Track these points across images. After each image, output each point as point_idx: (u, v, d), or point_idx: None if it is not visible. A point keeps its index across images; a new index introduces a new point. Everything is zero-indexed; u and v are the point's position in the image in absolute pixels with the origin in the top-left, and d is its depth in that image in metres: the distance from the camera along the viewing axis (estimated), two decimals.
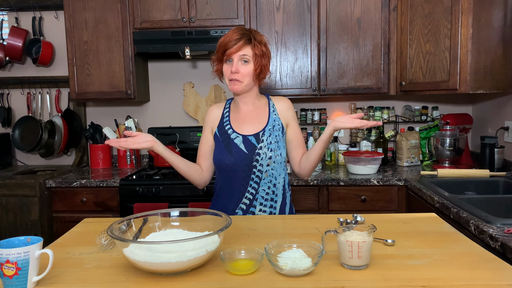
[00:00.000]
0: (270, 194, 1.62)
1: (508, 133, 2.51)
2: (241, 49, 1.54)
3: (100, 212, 2.61)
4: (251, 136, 1.61)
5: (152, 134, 3.07)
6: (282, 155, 1.61)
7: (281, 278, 1.03)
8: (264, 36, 1.61)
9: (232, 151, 1.60)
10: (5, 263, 0.96)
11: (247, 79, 1.57)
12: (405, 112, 3.08)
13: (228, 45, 1.53)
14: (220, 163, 1.62)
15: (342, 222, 1.45)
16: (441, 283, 0.98)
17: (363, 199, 2.49)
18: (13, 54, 3.07)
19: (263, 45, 1.57)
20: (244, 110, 1.67)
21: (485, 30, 2.28)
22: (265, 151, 1.58)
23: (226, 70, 1.58)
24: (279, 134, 1.63)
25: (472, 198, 1.93)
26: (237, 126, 1.64)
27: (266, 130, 1.62)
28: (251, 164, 1.58)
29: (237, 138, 1.61)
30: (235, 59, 1.55)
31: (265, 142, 1.59)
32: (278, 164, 1.61)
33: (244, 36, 1.54)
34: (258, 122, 1.64)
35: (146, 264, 1.02)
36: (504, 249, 1.33)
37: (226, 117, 1.68)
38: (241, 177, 1.60)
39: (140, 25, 2.76)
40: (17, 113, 3.25)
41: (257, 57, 1.55)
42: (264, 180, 1.60)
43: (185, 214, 1.30)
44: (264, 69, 1.59)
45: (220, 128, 1.66)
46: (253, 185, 1.60)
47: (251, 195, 1.61)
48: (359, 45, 2.72)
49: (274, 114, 1.66)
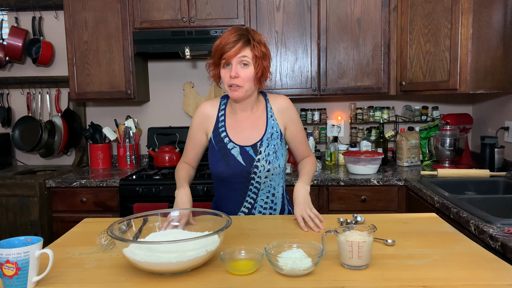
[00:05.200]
0: (269, 203, 1.60)
1: (508, 133, 2.51)
2: (240, 52, 1.42)
3: (100, 212, 2.61)
4: (248, 147, 1.54)
5: (152, 134, 3.07)
6: (280, 166, 1.56)
7: (281, 278, 1.03)
8: (262, 35, 1.50)
9: (230, 162, 1.53)
10: (5, 263, 0.95)
11: (247, 84, 1.46)
12: (405, 112, 3.08)
13: (225, 48, 1.42)
14: (218, 174, 1.56)
15: (342, 222, 1.45)
16: (441, 283, 0.98)
17: (363, 199, 2.49)
18: (13, 54, 3.06)
19: (262, 45, 1.47)
20: (241, 115, 1.58)
21: (485, 30, 2.28)
22: (263, 163, 1.53)
23: (225, 75, 1.47)
24: (278, 143, 1.57)
25: (472, 198, 1.93)
26: (234, 134, 1.56)
27: (264, 140, 1.55)
28: (249, 176, 1.54)
29: (234, 148, 1.54)
30: (233, 63, 1.44)
31: (263, 154, 1.53)
32: (277, 175, 1.58)
33: (242, 38, 1.43)
34: (256, 131, 1.56)
35: (146, 264, 1.02)
36: (504, 249, 1.32)
37: (222, 122, 1.58)
38: (239, 187, 1.56)
39: (140, 25, 2.76)
40: (17, 113, 3.25)
41: (257, 59, 1.44)
42: (263, 190, 1.57)
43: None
44: (265, 72, 1.49)
45: (216, 135, 1.57)
46: (252, 195, 1.58)
47: (250, 204, 1.59)
48: (359, 45, 2.72)
49: (272, 120, 1.58)
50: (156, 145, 3.03)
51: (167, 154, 2.87)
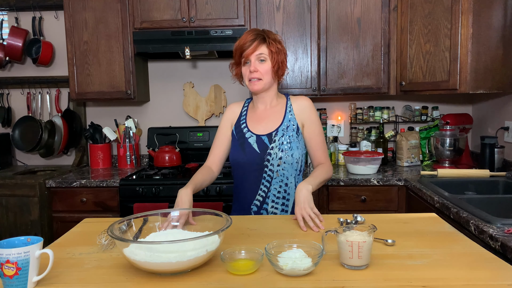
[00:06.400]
0: (282, 193, 1.65)
1: (508, 133, 2.51)
2: (257, 49, 1.58)
3: (100, 212, 2.61)
4: (264, 136, 1.65)
5: (152, 134, 3.07)
6: (293, 156, 1.63)
7: (281, 278, 1.03)
8: (278, 35, 1.66)
9: (246, 150, 1.65)
10: (5, 263, 0.96)
11: (266, 77, 1.61)
12: (405, 112, 3.08)
13: (244, 46, 1.59)
14: (234, 160, 1.69)
15: (342, 222, 1.45)
16: (441, 283, 0.98)
17: (363, 199, 2.49)
18: (13, 54, 3.07)
19: (277, 42, 1.62)
20: (260, 109, 1.72)
21: (485, 30, 2.28)
22: (276, 151, 1.62)
23: (245, 72, 1.63)
24: (293, 135, 1.65)
25: (472, 198, 1.93)
26: (252, 125, 1.69)
27: (279, 130, 1.65)
28: (262, 163, 1.63)
29: (251, 137, 1.66)
30: (252, 59, 1.60)
31: (277, 143, 1.63)
32: (289, 165, 1.63)
33: (258, 37, 1.59)
34: (273, 122, 1.67)
35: (146, 264, 1.02)
36: (504, 249, 1.33)
37: (244, 116, 1.73)
38: (254, 175, 1.65)
39: (140, 25, 2.76)
40: (17, 113, 3.25)
41: (273, 54, 1.59)
42: (276, 179, 1.64)
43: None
44: (282, 66, 1.64)
45: (237, 126, 1.72)
46: (265, 184, 1.65)
47: (264, 192, 1.65)
48: (359, 45, 2.72)
49: (290, 114, 1.68)
50: (156, 145, 3.03)
51: (167, 154, 2.87)
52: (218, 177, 2.39)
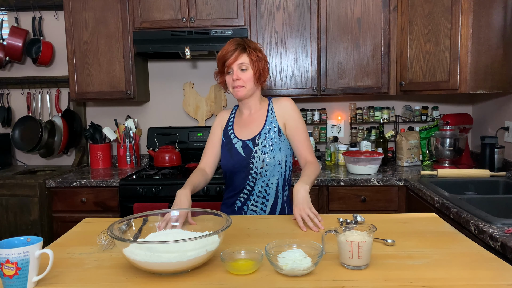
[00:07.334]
0: (262, 192, 1.71)
1: (508, 133, 2.51)
2: (238, 58, 1.65)
3: (100, 212, 2.61)
4: (248, 140, 1.72)
5: (152, 134, 3.07)
6: (275, 158, 1.69)
7: (281, 278, 1.03)
8: (258, 44, 1.74)
9: (233, 154, 1.73)
10: (5, 263, 0.96)
11: (249, 84, 1.68)
12: (405, 112, 3.08)
13: (226, 56, 1.66)
14: (223, 165, 1.77)
15: (342, 222, 1.45)
16: (441, 283, 0.98)
17: (363, 199, 2.49)
18: (13, 54, 3.06)
19: (258, 51, 1.69)
20: (245, 114, 1.79)
21: (485, 30, 2.28)
22: (259, 154, 1.69)
23: (229, 80, 1.70)
24: (275, 137, 1.71)
25: (472, 198, 1.93)
26: (238, 130, 1.77)
27: (261, 133, 1.71)
28: (248, 166, 1.70)
29: (237, 143, 1.74)
30: (234, 68, 1.67)
31: (259, 146, 1.70)
32: (272, 167, 1.69)
33: (239, 46, 1.66)
34: (256, 126, 1.74)
35: (146, 264, 1.02)
36: (504, 249, 1.33)
37: (231, 122, 1.81)
38: (240, 177, 1.73)
39: (140, 25, 2.76)
40: (17, 113, 3.25)
41: (254, 62, 1.66)
42: (259, 179, 1.71)
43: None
44: (263, 72, 1.71)
45: (225, 133, 1.79)
46: (250, 184, 1.72)
47: (248, 191, 1.73)
48: (359, 45, 2.72)
49: (272, 117, 1.74)
50: (156, 145, 3.03)
51: (167, 154, 2.87)
52: (218, 177, 2.40)
